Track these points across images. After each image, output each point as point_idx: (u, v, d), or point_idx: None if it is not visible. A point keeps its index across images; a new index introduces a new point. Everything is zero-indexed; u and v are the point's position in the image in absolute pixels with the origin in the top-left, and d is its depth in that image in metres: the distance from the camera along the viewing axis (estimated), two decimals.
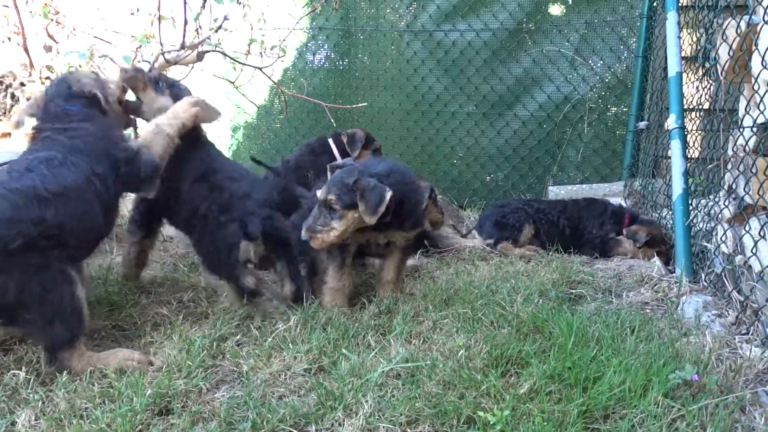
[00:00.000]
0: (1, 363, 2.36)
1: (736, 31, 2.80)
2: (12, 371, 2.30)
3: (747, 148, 2.71)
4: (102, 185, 2.58)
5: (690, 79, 4.46)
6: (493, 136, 6.14)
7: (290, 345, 2.56)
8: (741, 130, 2.78)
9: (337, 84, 6.61)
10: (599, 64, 5.74)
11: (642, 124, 5.10)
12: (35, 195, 2.33)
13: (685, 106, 4.03)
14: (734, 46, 2.85)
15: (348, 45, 6.53)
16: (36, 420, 2.03)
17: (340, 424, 2.07)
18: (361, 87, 6.53)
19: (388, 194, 2.85)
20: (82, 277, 2.55)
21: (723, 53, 2.97)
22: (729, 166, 3.00)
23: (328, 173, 3.26)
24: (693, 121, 4.30)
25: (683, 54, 4.24)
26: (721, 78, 3.01)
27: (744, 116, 2.80)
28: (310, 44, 6.64)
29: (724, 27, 2.95)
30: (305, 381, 2.35)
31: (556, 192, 5.64)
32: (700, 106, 4.19)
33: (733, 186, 2.93)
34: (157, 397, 2.13)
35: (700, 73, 3.81)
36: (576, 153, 5.88)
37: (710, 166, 3.33)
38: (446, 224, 4.90)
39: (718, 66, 3.07)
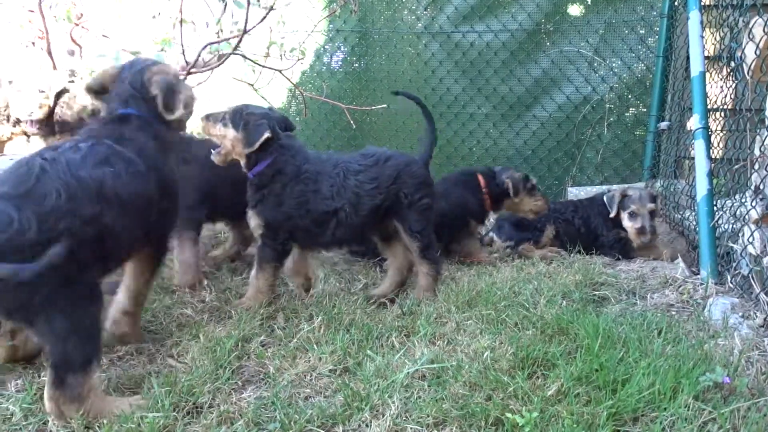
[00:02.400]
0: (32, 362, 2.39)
1: (764, 30, 2.77)
2: (42, 371, 2.33)
3: None
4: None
5: (713, 79, 4.41)
6: (511, 138, 6.12)
7: (315, 346, 2.57)
8: None
9: (354, 86, 6.62)
10: (619, 65, 5.70)
11: (663, 125, 5.06)
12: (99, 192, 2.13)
13: (708, 107, 3.99)
14: (761, 44, 2.82)
15: (366, 47, 6.54)
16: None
17: (367, 425, 2.07)
18: (378, 89, 6.53)
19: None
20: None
21: (749, 52, 2.94)
22: (756, 167, 2.96)
23: None
24: (717, 122, 4.25)
25: (706, 53, 4.20)
26: (748, 77, 2.98)
27: None
28: (328, 46, 6.65)
29: (750, 25, 2.92)
30: (331, 382, 2.36)
31: (575, 193, 5.61)
32: (724, 106, 4.15)
33: (761, 186, 2.89)
34: (186, 397, 2.15)
35: (724, 72, 3.77)
36: (595, 154, 5.84)
37: (736, 166, 3.30)
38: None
39: (744, 65, 3.04)
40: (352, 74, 6.64)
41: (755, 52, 2.86)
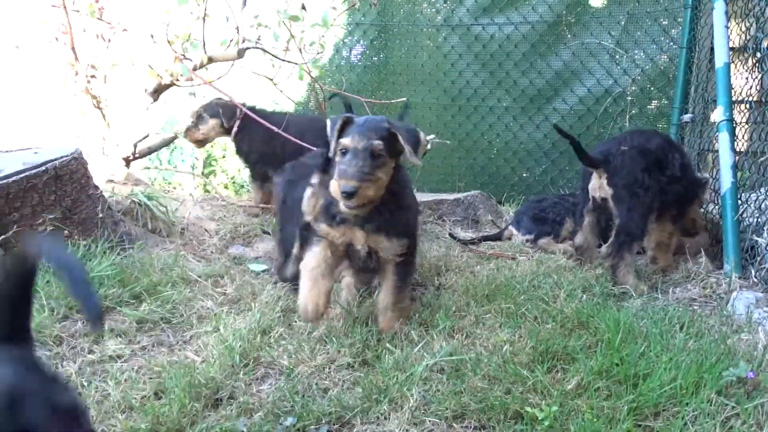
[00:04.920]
0: (56, 353, 2.43)
1: None
2: (66, 362, 2.37)
3: None
4: None
5: (738, 70, 4.33)
6: (531, 131, 6.07)
7: (333, 339, 2.58)
8: None
9: (374, 79, 6.61)
10: (641, 56, 5.62)
11: (687, 117, 4.97)
12: None
13: (733, 98, 3.92)
14: None
15: (385, 40, 6.53)
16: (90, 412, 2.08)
17: (385, 418, 2.08)
18: (398, 82, 6.52)
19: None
20: None
21: None
22: None
23: None
24: (741, 114, 4.17)
25: (731, 44, 4.12)
26: None
27: None
28: (347, 40, 6.65)
29: None
30: (349, 374, 2.37)
31: None
32: (750, 98, 4.07)
33: None
34: (206, 389, 2.17)
35: (750, 63, 3.69)
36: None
37: (762, 159, 3.24)
38: (484, 219, 4.88)
39: None
40: (371, 67, 6.63)
41: None
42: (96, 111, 4.96)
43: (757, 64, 3.69)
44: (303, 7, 4.78)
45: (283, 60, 4.74)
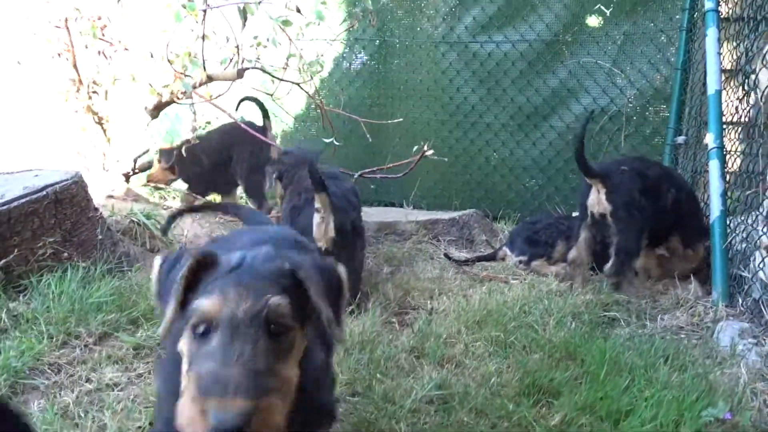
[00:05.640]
0: (54, 381, 2.49)
1: None
2: (63, 391, 2.43)
3: None
4: None
5: (729, 94, 4.37)
6: (528, 147, 6.13)
7: None
8: None
9: (372, 93, 6.67)
10: (637, 76, 5.67)
11: (680, 140, 5.03)
12: None
13: (725, 119, 3.96)
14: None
15: (384, 55, 6.59)
16: None
17: None
18: (396, 96, 6.58)
19: None
20: None
21: (763, 78, 2.94)
22: (767, 193, 2.97)
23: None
24: (733, 135, 4.21)
25: (724, 67, 4.18)
26: (761, 103, 2.97)
27: None
28: (346, 54, 6.71)
29: (764, 52, 2.92)
30: (340, 406, 2.42)
31: None
32: (741, 119, 4.12)
33: None
34: None
35: (740, 93, 3.75)
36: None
37: (748, 193, 3.30)
38: (479, 239, 4.94)
39: (758, 90, 3.03)
40: (369, 81, 6.69)
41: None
42: (97, 127, 5.02)
43: (745, 95, 3.73)
44: (297, 10, 4.85)
45: (282, 80, 4.80)
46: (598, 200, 3.77)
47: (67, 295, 2.89)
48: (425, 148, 4.57)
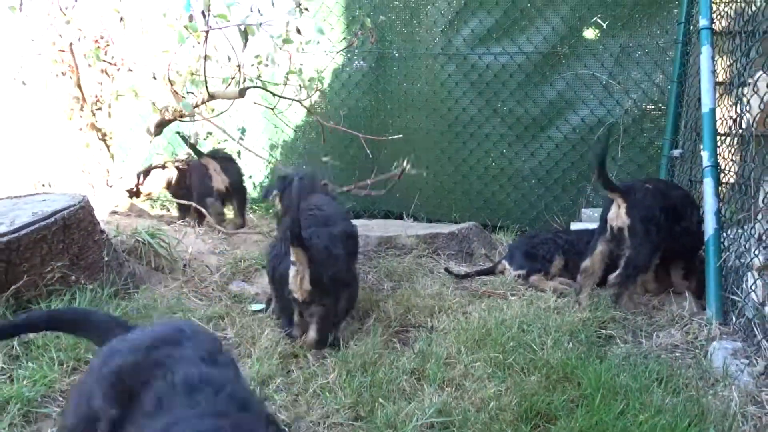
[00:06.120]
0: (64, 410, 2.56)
1: None
2: None
3: None
4: None
5: (725, 104, 4.40)
6: (526, 158, 6.20)
7: (327, 394, 2.71)
8: None
9: (372, 105, 6.74)
10: (633, 88, 5.74)
11: (676, 153, 5.10)
12: None
13: (721, 131, 4.01)
14: (766, 99, 2.89)
15: (383, 67, 6.65)
16: None
17: None
18: (395, 108, 6.65)
19: None
20: None
21: (754, 105, 3.00)
22: (759, 217, 3.04)
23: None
24: (729, 147, 4.22)
25: (719, 79, 4.24)
26: (752, 128, 3.04)
27: None
28: (345, 64, 6.78)
29: (755, 79, 2.99)
30: (343, 430, 2.50)
31: (589, 215, 5.67)
32: (737, 131, 4.16)
33: (764, 237, 2.97)
34: None
35: (735, 112, 3.80)
36: (610, 176, 5.89)
37: (740, 216, 3.37)
38: (478, 252, 5.01)
39: (749, 114, 3.10)
40: (368, 93, 6.76)
41: (759, 107, 2.93)
42: (100, 143, 5.10)
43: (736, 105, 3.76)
44: (298, 31, 4.92)
45: (282, 97, 4.87)
46: (617, 214, 3.88)
47: None
48: (404, 164, 4.62)
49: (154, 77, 4.54)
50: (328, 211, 3.64)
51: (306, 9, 4.61)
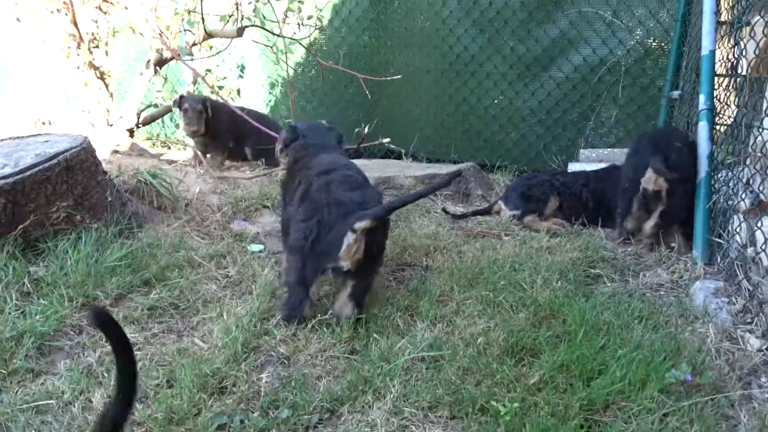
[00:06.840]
0: (77, 342, 2.71)
1: (764, 32, 2.83)
2: (86, 351, 2.66)
3: (765, 149, 2.80)
4: None
5: (726, 46, 4.36)
6: (527, 97, 6.18)
7: (324, 329, 2.84)
8: (760, 130, 2.86)
9: (372, 42, 6.68)
10: (637, 27, 5.67)
11: (675, 94, 5.09)
12: None
13: (719, 72, 3.98)
14: (761, 44, 2.89)
15: (384, 2, 6.55)
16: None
17: (369, 407, 2.37)
18: (396, 45, 6.59)
19: None
20: None
21: (750, 50, 3.00)
22: (748, 162, 3.09)
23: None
24: (726, 90, 4.19)
25: (721, 19, 4.19)
26: (747, 72, 3.05)
27: (764, 118, 2.87)
28: (346, 2, 6.67)
29: (753, 23, 2.97)
30: (339, 363, 2.65)
31: (587, 155, 5.71)
32: (736, 73, 4.15)
33: (751, 181, 3.03)
34: (212, 379, 2.46)
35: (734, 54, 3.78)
36: (610, 116, 5.91)
37: (729, 160, 3.42)
38: (475, 193, 5.09)
39: (744, 60, 3.11)
40: (369, 30, 6.68)
41: (755, 52, 2.93)
42: (99, 82, 5.10)
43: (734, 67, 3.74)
44: None
45: (281, 36, 4.84)
46: (654, 179, 3.84)
47: (83, 259, 3.08)
48: (366, 130, 4.48)
49: (147, 21, 4.49)
50: (361, 175, 3.20)
51: None
